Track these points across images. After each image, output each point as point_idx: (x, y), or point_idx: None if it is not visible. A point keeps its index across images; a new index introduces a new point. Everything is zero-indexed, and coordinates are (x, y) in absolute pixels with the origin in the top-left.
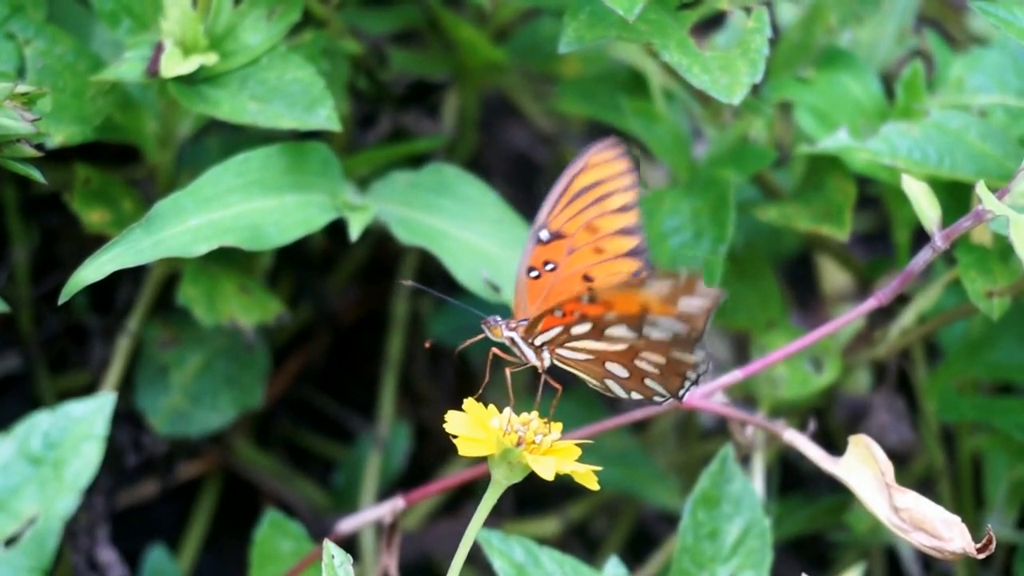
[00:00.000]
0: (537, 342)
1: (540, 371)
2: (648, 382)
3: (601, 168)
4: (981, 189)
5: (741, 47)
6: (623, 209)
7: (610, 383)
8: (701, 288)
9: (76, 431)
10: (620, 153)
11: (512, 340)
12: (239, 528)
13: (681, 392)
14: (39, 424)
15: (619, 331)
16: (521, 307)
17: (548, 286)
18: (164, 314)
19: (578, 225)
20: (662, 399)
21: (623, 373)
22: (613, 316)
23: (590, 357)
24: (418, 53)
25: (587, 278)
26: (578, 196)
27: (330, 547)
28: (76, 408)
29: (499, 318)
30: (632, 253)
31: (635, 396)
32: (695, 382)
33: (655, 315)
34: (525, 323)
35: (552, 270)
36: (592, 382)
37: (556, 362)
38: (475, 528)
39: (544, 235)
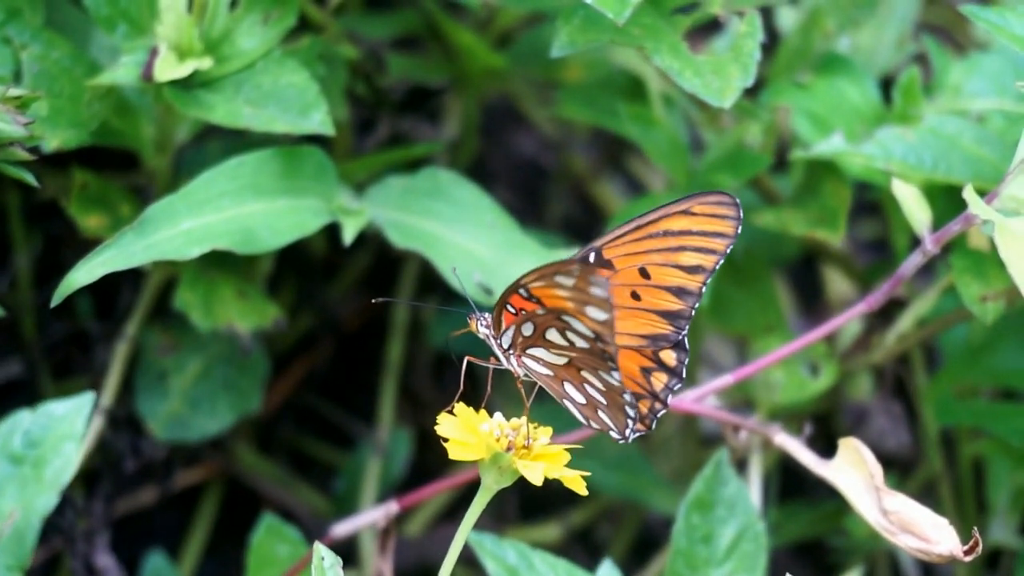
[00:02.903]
0: (504, 344)
1: (515, 377)
2: (601, 414)
3: (701, 220)
4: (968, 192)
5: (733, 51)
6: (693, 270)
7: (570, 406)
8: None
9: (57, 430)
10: (731, 213)
11: (487, 338)
12: (241, 535)
13: (627, 431)
14: (20, 422)
15: (553, 335)
16: None
17: None
18: (163, 320)
19: (632, 263)
20: (616, 436)
21: (580, 398)
22: (541, 313)
23: (549, 373)
24: (418, 59)
25: None
26: (656, 236)
27: (320, 549)
28: (57, 407)
29: (488, 315)
30: (669, 315)
31: (595, 426)
32: (642, 423)
33: (569, 315)
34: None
35: None
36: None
37: (525, 374)
38: (465, 531)
39: (591, 258)
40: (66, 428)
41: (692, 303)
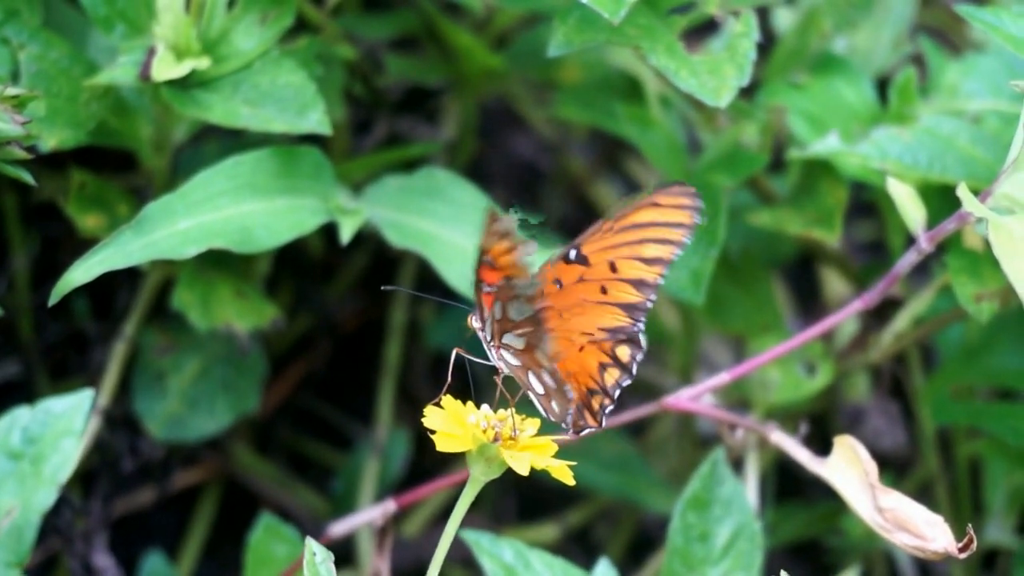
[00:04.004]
0: (488, 336)
1: (498, 372)
2: (553, 403)
3: (666, 211)
4: (962, 191)
5: (729, 51)
6: (652, 262)
7: (533, 398)
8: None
9: (56, 427)
10: (690, 203)
11: (477, 331)
12: (239, 535)
13: (568, 418)
14: (19, 419)
15: (511, 309)
16: None
17: None
18: (162, 320)
19: (604, 258)
20: (566, 427)
21: (539, 388)
22: (500, 284)
23: (517, 362)
24: (416, 59)
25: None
26: (627, 229)
27: (312, 545)
28: (56, 404)
29: None
30: (628, 308)
31: (551, 419)
32: (593, 418)
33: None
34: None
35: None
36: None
37: (504, 368)
38: (455, 522)
39: (572, 255)
40: (65, 424)
41: (649, 295)
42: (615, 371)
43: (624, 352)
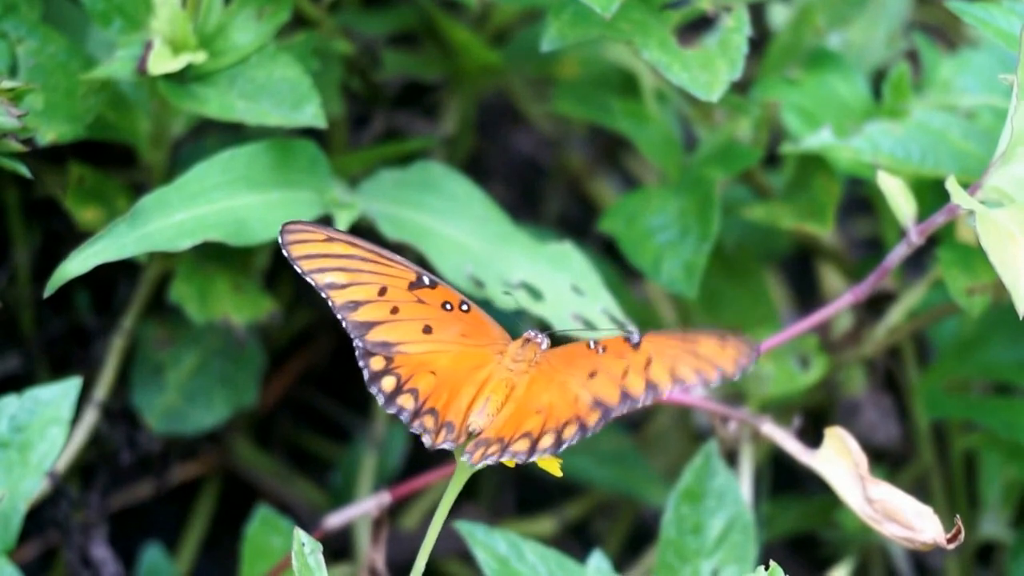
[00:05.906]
0: None
1: None
2: None
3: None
4: (951, 183)
5: (721, 45)
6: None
7: None
8: None
9: (43, 414)
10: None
11: None
12: (238, 529)
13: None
14: (6, 407)
15: None
16: None
17: None
18: (160, 313)
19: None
20: None
21: None
22: None
23: None
24: (413, 55)
25: None
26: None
27: (299, 535)
28: (43, 392)
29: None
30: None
31: None
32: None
33: None
34: None
35: None
36: None
37: None
38: (443, 510)
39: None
40: (52, 413)
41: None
42: None
43: None
